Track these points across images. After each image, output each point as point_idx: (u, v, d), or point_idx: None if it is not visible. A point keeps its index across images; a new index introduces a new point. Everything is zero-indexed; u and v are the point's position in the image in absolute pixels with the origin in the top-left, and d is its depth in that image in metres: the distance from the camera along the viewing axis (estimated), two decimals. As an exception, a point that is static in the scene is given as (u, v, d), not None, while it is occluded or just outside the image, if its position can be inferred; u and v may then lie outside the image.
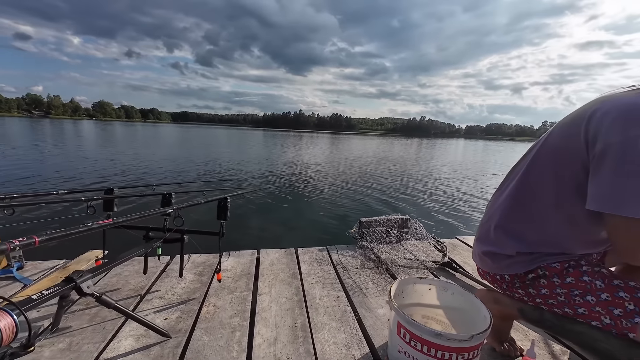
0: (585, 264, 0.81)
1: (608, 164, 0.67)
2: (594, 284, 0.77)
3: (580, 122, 0.73)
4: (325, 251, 1.85)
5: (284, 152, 17.68)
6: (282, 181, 7.72)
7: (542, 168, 0.83)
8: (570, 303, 0.80)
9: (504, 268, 0.91)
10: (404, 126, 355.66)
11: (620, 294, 0.73)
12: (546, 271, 0.84)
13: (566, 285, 0.81)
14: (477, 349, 0.84)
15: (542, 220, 0.84)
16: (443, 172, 11.85)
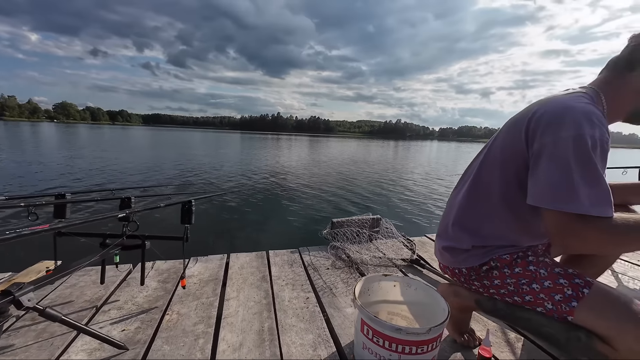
0: (531, 255, 0.87)
1: (542, 162, 0.73)
2: (538, 273, 0.83)
3: (522, 124, 0.80)
4: (297, 253, 1.84)
5: (260, 155, 17.45)
6: (256, 184, 7.61)
7: (491, 168, 0.89)
8: (518, 292, 0.85)
9: (462, 262, 0.96)
10: (381, 129, 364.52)
11: (561, 281, 0.79)
12: (498, 263, 0.89)
13: (515, 275, 0.86)
14: (435, 341, 0.87)
15: (493, 216, 0.89)
16: (415, 172, 12.25)
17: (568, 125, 0.70)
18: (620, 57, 0.82)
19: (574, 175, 0.68)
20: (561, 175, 0.70)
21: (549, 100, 0.80)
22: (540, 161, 0.73)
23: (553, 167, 0.71)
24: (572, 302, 0.76)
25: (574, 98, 0.77)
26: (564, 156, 0.69)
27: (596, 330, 0.72)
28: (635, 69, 0.78)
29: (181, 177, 8.22)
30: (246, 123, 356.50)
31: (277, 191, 6.83)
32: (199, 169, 9.96)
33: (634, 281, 1.67)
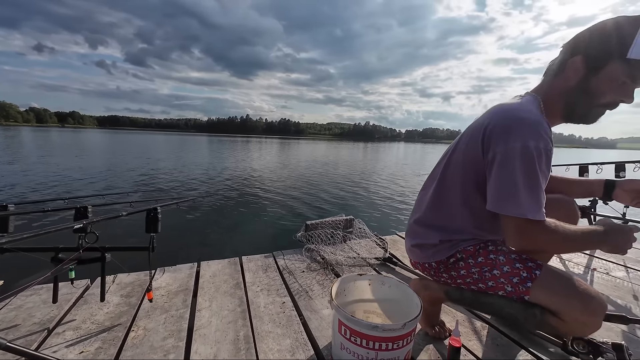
0: (491, 245, 0.95)
1: (494, 170, 0.82)
2: (498, 260, 0.90)
3: (478, 134, 0.87)
4: (271, 257, 1.81)
5: (229, 158, 16.95)
6: (227, 189, 7.38)
7: (454, 170, 0.96)
8: (482, 279, 0.92)
9: (430, 256, 1.02)
10: (351, 131, 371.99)
11: (517, 265, 0.87)
12: (463, 254, 0.96)
13: (478, 264, 0.93)
14: (410, 335, 0.91)
15: (457, 215, 0.97)
16: (385, 173, 12.65)
17: (516, 137, 0.79)
18: (553, 63, 0.91)
19: (518, 183, 0.78)
20: (508, 182, 0.79)
21: (502, 110, 0.88)
22: (493, 169, 0.82)
23: (502, 175, 0.80)
24: (527, 283, 0.84)
25: (524, 108, 0.85)
26: (511, 165, 0.78)
27: (548, 305, 0.82)
28: (561, 72, 0.88)
29: (145, 183, 7.72)
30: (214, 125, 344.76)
31: (249, 195, 6.68)
32: (164, 174, 9.42)
33: (578, 267, 1.86)
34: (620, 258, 1.99)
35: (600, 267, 1.85)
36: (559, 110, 0.90)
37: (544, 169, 0.79)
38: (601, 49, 0.79)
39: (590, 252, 2.08)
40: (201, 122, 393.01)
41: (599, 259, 1.98)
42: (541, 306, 0.83)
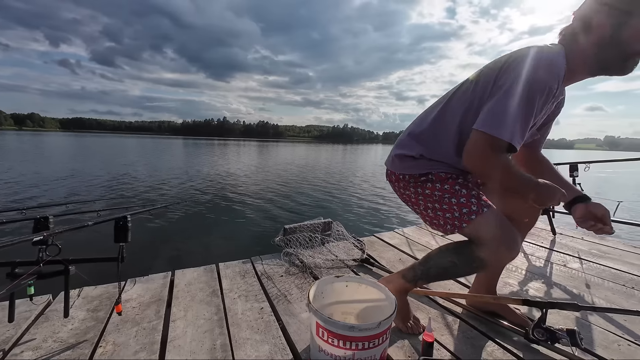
0: (460, 178, 1.06)
1: (497, 95, 0.88)
2: (460, 192, 1.01)
3: (498, 64, 0.94)
4: (249, 263, 1.79)
5: (205, 162, 16.49)
6: (203, 194, 7.17)
7: (463, 95, 1.02)
8: (439, 202, 1.04)
9: (406, 168, 1.11)
10: (329, 133, 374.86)
11: (472, 200, 1.00)
12: (434, 177, 1.06)
13: (443, 190, 1.04)
14: (385, 334, 0.93)
15: (447, 138, 1.04)
16: (363, 175, 12.85)
17: (529, 69, 0.84)
18: (568, 28, 0.93)
19: (516, 110, 0.84)
20: (507, 107, 0.85)
21: (527, 48, 0.93)
22: (497, 94, 0.88)
23: (504, 100, 0.86)
24: (472, 215, 0.97)
25: (549, 50, 0.89)
26: (515, 93, 0.84)
27: (479, 237, 0.96)
28: (587, 30, 0.87)
29: (114, 190, 7.32)
30: (189, 128, 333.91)
31: (227, 200, 6.54)
32: (136, 180, 8.99)
33: (540, 260, 2.00)
34: (576, 250, 2.16)
35: (559, 260, 2.01)
36: (588, 66, 0.90)
37: (540, 105, 0.86)
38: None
39: (549, 247, 2.24)
40: (176, 124, 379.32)
41: (557, 252, 2.14)
42: (470, 245, 0.99)
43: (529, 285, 1.63)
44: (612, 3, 0.82)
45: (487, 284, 1.30)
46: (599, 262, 1.96)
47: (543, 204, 0.91)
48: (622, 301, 1.48)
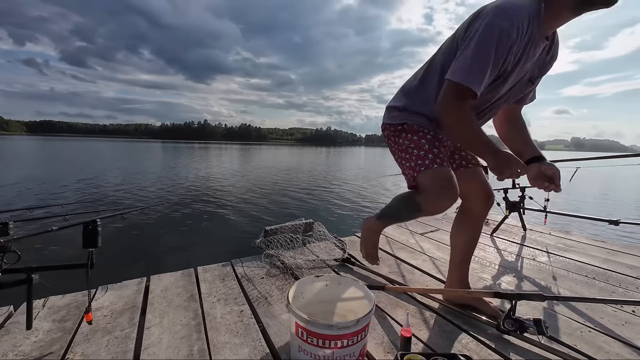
0: (430, 134, 1.15)
1: (465, 45, 0.94)
2: (424, 146, 1.12)
3: (467, 20, 1.00)
4: (229, 265, 1.75)
5: (185, 165, 16.04)
6: (182, 197, 6.97)
7: (442, 50, 1.08)
8: (405, 151, 1.16)
9: (389, 118, 1.24)
10: (313, 136, 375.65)
11: (429, 155, 1.10)
12: (407, 127, 1.17)
13: (411, 140, 1.15)
14: (364, 331, 0.95)
15: (428, 91, 1.11)
16: (345, 176, 12.98)
17: (490, 16, 0.88)
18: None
19: (473, 55, 0.90)
20: (468, 55, 0.91)
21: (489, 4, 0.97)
22: (465, 44, 0.94)
23: (466, 49, 0.92)
24: (422, 167, 1.10)
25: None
26: (476, 41, 0.90)
27: (424, 187, 1.10)
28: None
29: (84, 194, 6.96)
30: (168, 131, 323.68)
31: (206, 203, 6.38)
32: (109, 184, 8.60)
33: (511, 255, 2.10)
34: (544, 245, 2.29)
35: (528, 254, 2.11)
36: (571, 1, 0.87)
37: (500, 49, 0.88)
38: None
39: (520, 242, 2.36)
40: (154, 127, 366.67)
41: (527, 247, 2.26)
42: (416, 194, 1.13)
43: (502, 279, 1.71)
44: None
45: (460, 278, 1.36)
46: (564, 255, 2.08)
47: (500, 173, 0.96)
48: (584, 291, 1.58)
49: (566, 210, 2.73)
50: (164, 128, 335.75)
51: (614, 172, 12.06)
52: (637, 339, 1.17)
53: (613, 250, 2.19)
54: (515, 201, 2.50)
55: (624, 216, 6.89)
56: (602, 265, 1.91)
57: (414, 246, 2.19)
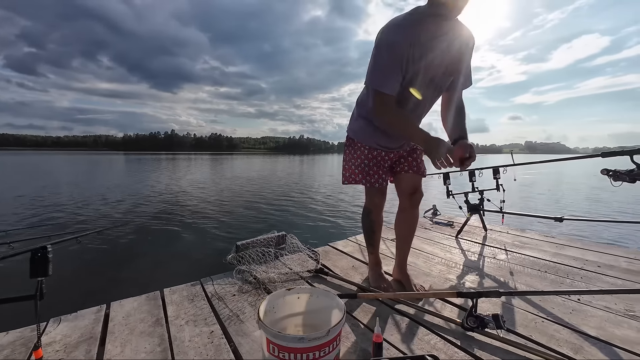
0: (362, 145, 1.53)
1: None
2: (356, 158, 1.55)
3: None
4: (198, 285, 1.69)
5: (149, 178, 15.20)
6: (145, 215, 6.57)
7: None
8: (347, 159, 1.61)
9: (349, 129, 1.61)
10: (286, 144, 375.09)
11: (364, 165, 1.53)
12: (348, 139, 1.61)
13: (347, 153, 1.61)
14: (335, 341, 0.96)
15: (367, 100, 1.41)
16: (318, 185, 13.03)
17: (379, 32, 1.20)
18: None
19: (372, 63, 1.21)
20: (372, 63, 1.22)
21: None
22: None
23: (371, 59, 1.22)
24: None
25: (401, 16, 1.20)
26: (375, 52, 1.19)
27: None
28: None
29: (32, 216, 6.33)
30: (132, 142, 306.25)
31: (173, 220, 6.08)
32: (61, 203, 7.88)
33: (474, 255, 2.24)
34: (503, 243, 2.47)
35: (489, 253, 2.26)
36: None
37: (387, 57, 1.15)
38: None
39: (482, 242, 2.52)
40: (115, 139, 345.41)
41: (488, 246, 2.42)
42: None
43: (465, 278, 1.81)
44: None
45: (399, 262, 1.70)
46: (520, 252, 2.26)
47: (432, 156, 1.12)
48: (537, 284, 1.73)
49: (521, 210, 2.97)
50: (126, 139, 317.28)
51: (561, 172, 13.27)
52: (583, 325, 1.29)
53: (561, 245, 2.41)
54: (475, 204, 2.68)
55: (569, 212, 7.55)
56: (552, 259, 2.10)
57: (385, 252, 2.25)
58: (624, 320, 1.32)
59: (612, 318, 1.34)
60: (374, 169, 1.53)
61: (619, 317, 1.35)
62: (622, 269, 1.92)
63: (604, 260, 2.07)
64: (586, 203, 8.92)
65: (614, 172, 1.42)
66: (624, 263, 2.01)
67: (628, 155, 1.40)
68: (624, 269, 1.91)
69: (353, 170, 1.57)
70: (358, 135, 1.52)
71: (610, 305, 1.45)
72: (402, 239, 1.69)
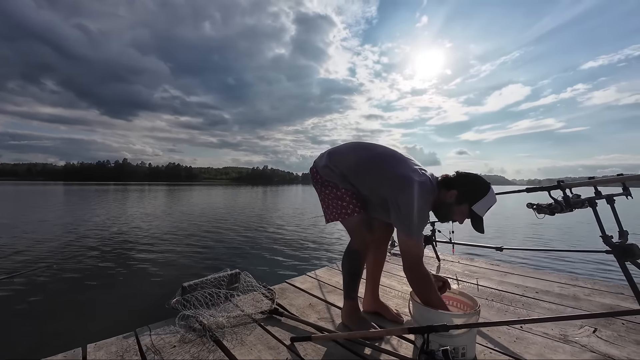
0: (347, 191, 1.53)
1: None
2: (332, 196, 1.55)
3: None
4: (132, 337, 1.47)
5: (85, 212, 13.49)
6: (75, 254, 5.70)
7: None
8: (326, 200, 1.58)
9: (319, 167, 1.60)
10: (249, 175, 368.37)
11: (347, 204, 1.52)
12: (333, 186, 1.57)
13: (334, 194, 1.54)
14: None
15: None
16: (280, 218, 12.69)
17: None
18: (447, 178, 1.40)
19: (418, 216, 1.33)
20: (416, 215, 1.33)
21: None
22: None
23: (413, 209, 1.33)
24: (347, 215, 1.50)
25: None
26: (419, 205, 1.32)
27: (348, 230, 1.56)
28: (445, 191, 1.38)
29: None
30: (74, 172, 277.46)
31: (109, 259, 5.36)
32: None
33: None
34: (454, 273, 2.58)
35: (443, 283, 2.33)
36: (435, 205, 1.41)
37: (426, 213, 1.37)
38: (467, 196, 1.34)
39: (435, 272, 2.61)
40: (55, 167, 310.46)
41: (441, 276, 2.50)
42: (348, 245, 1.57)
43: (421, 312, 1.83)
44: (460, 188, 1.39)
45: (371, 291, 1.74)
46: (470, 281, 2.37)
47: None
48: (485, 313, 1.80)
49: (468, 240, 3.17)
50: (68, 168, 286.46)
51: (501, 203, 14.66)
52: (525, 353, 1.35)
53: (505, 272, 2.59)
54: (428, 235, 2.81)
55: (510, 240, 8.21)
56: (497, 287, 2.23)
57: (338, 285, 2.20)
58: (560, 346, 1.41)
59: (549, 344, 1.43)
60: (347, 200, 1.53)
61: (555, 342, 1.44)
62: (556, 294, 2.10)
63: (540, 286, 2.25)
64: (525, 230, 9.88)
65: (537, 205, 1.60)
66: (557, 288, 2.21)
67: (546, 191, 1.60)
68: (557, 294, 2.09)
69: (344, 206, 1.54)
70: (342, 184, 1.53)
71: (547, 331, 1.54)
72: (378, 265, 1.74)
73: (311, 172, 1.64)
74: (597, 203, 1.48)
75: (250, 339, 1.46)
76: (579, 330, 1.55)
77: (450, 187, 1.36)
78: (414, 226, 1.29)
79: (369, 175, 1.45)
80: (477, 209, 1.32)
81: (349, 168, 1.49)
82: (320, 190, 1.60)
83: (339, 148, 1.61)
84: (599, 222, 1.45)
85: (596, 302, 1.93)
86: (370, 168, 1.45)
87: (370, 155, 1.49)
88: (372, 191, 1.47)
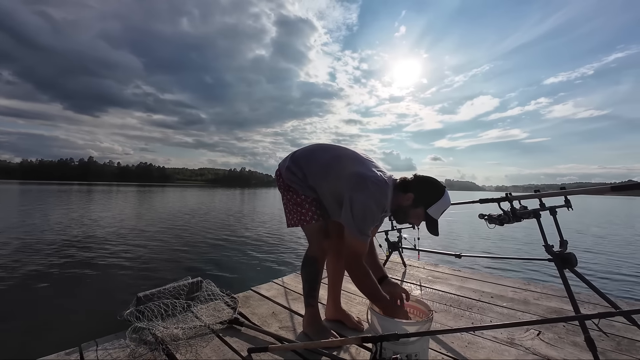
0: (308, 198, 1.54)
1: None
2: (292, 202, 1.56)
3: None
4: (76, 352, 1.37)
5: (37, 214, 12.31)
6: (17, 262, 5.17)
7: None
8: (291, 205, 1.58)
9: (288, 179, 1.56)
10: (226, 177, 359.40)
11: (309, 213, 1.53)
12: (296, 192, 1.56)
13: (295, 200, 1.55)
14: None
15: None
16: (251, 221, 12.36)
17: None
18: (404, 181, 1.42)
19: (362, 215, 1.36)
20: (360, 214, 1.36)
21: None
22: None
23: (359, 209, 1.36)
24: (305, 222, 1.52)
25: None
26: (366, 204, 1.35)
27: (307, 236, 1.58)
28: (402, 194, 1.41)
29: None
30: (32, 170, 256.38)
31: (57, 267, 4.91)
32: None
33: (393, 292, 2.34)
34: (418, 279, 2.66)
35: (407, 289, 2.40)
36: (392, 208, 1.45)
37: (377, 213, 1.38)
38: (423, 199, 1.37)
39: (401, 278, 2.68)
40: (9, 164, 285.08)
41: (406, 282, 2.58)
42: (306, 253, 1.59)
43: (382, 318, 1.86)
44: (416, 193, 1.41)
45: (333, 298, 1.75)
46: (432, 287, 2.45)
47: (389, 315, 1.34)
48: (442, 319, 1.87)
49: (433, 247, 3.29)
50: (25, 166, 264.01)
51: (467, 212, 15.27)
52: (475, 357, 1.42)
53: (465, 277, 2.71)
54: (395, 241, 2.88)
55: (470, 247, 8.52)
56: (457, 292, 2.32)
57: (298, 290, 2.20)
58: (506, 349, 1.49)
59: (497, 348, 1.51)
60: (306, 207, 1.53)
61: (503, 346, 1.53)
62: (509, 298, 2.23)
63: (496, 291, 2.38)
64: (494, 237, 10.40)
65: (488, 216, 1.70)
66: (511, 293, 2.34)
67: (496, 202, 1.71)
68: (510, 298, 2.22)
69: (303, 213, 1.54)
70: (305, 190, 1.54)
71: (497, 335, 1.63)
72: (338, 273, 1.74)
73: (276, 176, 1.63)
74: (541, 214, 1.59)
75: (206, 351, 1.42)
76: (525, 333, 1.66)
77: (407, 190, 1.39)
78: (362, 225, 1.31)
79: (329, 177, 1.45)
80: (432, 212, 1.36)
81: (310, 170, 1.49)
82: (283, 194, 1.60)
83: (302, 150, 1.60)
84: (542, 232, 1.56)
85: (543, 306, 2.07)
86: (330, 169, 1.46)
87: (330, 157, 1.49)
88: (332, 193, 1.46)
